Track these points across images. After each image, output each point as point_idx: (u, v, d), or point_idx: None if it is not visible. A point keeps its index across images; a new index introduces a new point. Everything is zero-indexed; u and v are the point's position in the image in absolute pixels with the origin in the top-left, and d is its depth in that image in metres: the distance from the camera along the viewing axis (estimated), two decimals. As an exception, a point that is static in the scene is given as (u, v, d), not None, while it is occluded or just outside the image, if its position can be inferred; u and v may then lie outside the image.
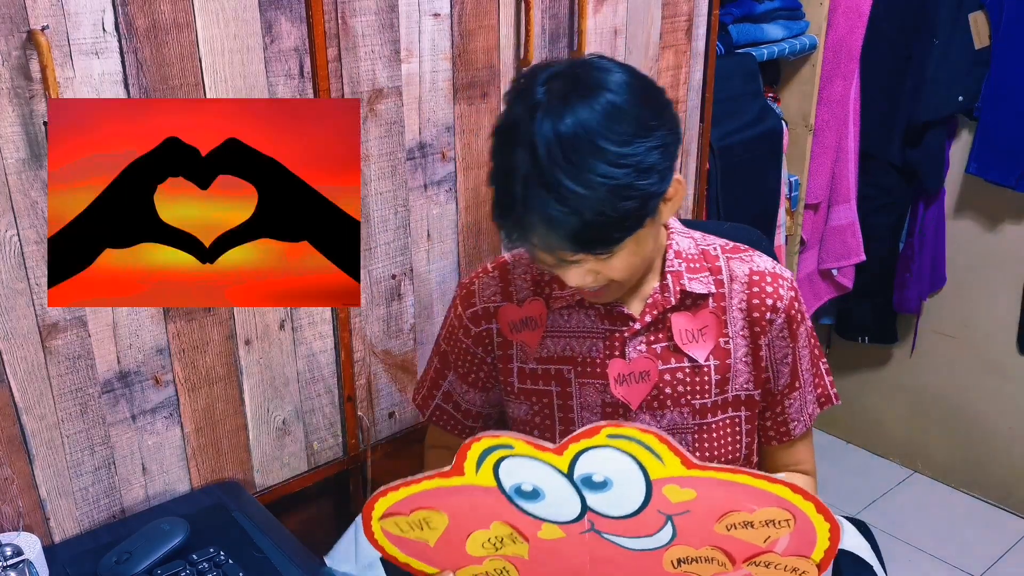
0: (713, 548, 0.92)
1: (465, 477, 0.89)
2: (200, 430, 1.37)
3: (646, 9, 1.77)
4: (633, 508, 0.88)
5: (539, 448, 0.85)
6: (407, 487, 0.91)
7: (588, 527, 0.91)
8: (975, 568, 2.40)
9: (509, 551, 0.95)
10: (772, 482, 0.86)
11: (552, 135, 0.92)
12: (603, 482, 0.86)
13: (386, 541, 0.96)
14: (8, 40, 1.06)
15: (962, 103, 2.33)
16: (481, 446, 0.86)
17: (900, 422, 2.78)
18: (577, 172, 0.92)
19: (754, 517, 0.88)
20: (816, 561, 0.91)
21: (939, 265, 2.56)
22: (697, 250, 1.16)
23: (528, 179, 0.93)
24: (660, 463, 0.85)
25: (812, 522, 0.88)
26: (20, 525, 1.22)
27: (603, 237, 0.96)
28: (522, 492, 0.89)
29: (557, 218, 0.93)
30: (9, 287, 1.13)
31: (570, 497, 0.88)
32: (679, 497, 0.87)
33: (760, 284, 1.15)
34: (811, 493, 0.87)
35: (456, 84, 1.51)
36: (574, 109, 0.93)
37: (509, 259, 1.21)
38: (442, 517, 0.92)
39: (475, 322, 1.19)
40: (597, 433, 0.84)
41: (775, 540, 0.90)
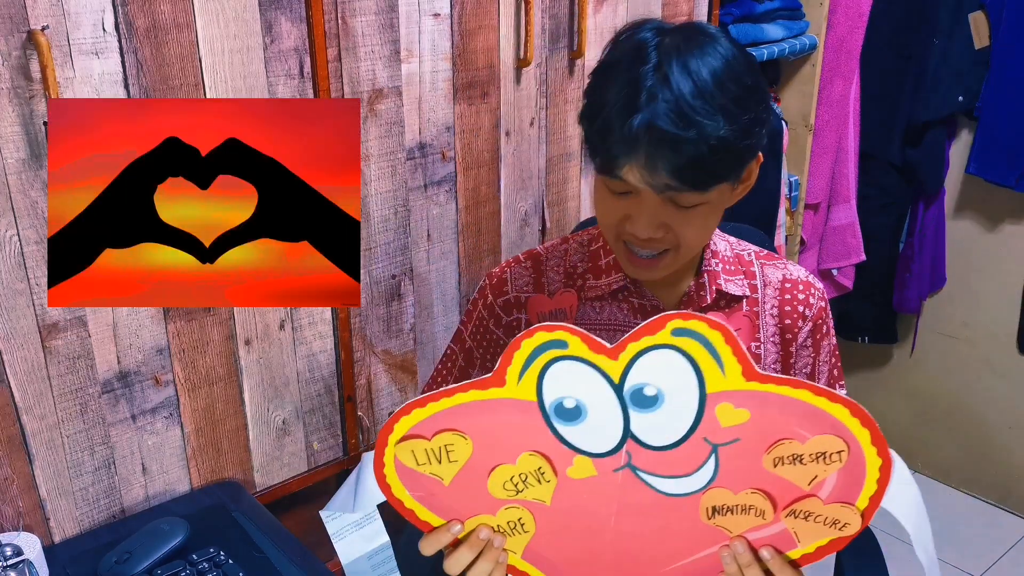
0: (753, 492, 0.87)
1: (505, 388, 0.84)
2: (200, 430, 1.37)
3: (646, 9, 1.77)
4: (679, 435, 0.84)
5: (595, 348, 0.81)
6: (436, 401, 0.85)
7: (624, 462, 0.86)
8: (975, 568, 2.40)
9: (531, 495, 0.89)
10: (833, 400, 0.81)
11: (678, 58, 0.94)
12: (654, 397, 0.82)
13: (396, 478, 0.89)
14: (8, 40, 1.06)
15: (962, 103, 2.33)
16: (533, 342, 0.81)
17: (900, 422, 2.78)
18: (706, 95, 0.93)
19: (805, 449, 0.83)
20: (860, 509, 0.86)
21: (939, 265, 2.56)
22: (732, 253, 1.17)
23: (654, 95, 0.93)
24: (720, 372, 0.81)
25: (864, 455, 0.84)
26: (20, 525, 1.22)
27: (705, 169, 0.95)
28: (563, 410, 0.84)
29: (680, 138, 0.92)
30: (9, 287, 1.13)
31: (614, 418, 0.84)
32: (731, 420, 0.83)
33: (793, 292, 1.15)
34: (871, 418, 0.83)
35: (456, 84, 1.51)
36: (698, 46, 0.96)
37: (542, 251, 1.19)
38: (467, 445, 0.87)
39: (507, 311, 1.17)
40: (662, 328, 0.80)
41: (821, 481, 0.85)
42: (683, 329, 0.80)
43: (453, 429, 0.87)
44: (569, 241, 1.20)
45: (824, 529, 0.88)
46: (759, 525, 0.89)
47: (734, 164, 0.98)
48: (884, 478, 0.85)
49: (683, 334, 0.80)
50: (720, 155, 0.94)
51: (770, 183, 2.23)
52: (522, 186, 1.67)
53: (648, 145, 0.93)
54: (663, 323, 0.80)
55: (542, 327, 0.82)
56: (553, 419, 0.85)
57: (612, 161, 0.96)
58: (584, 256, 1.17)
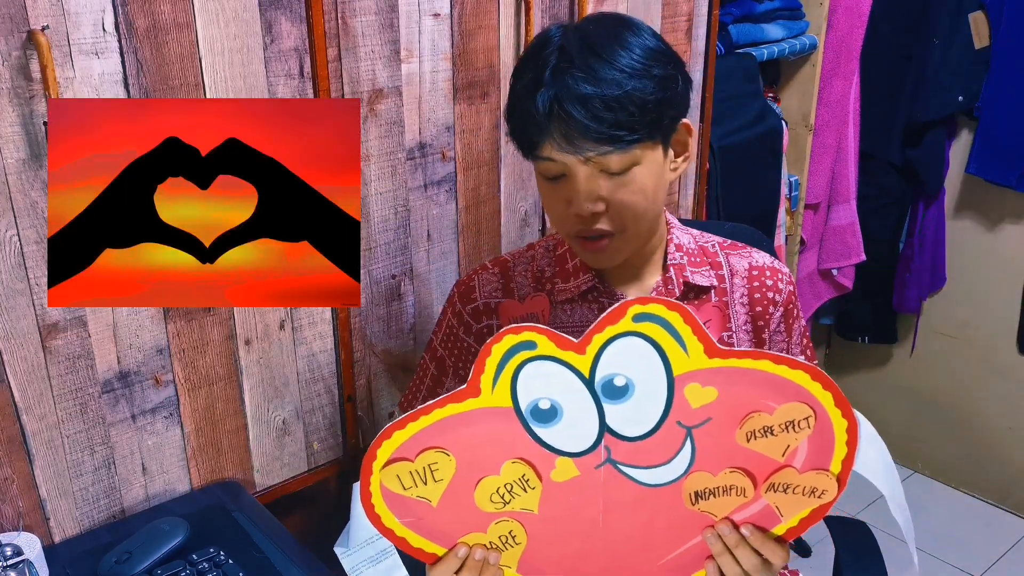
0: (732, 471, 0.88)
1: (480, 397, 0.85)
2: (200, 430, 1.37)
3: (646, 9, 1.77)
4: (653, 422, 0.86)
5: (562, 345, 0.83)
6: (415, 421, 0.86)
7: (604, 458, 0.88)
8: (975, 568, 2.40)
9: (518, 504, 0.90)
10: (794, 367, 0.84)
11: (579, 36, 0.99)
12: (624, 387, 0.84)
13: (384, 507, 0.90)
14: (8, 40, 1.06)
15: (962, 103, 2.33)
16: (503, 347, 0.83)
17: (900, 422, 2.78)
18: (606, 56, 0.97)
19: (774, 419, 0.86)
20: (835, 474, 0.88)
21: (939, 265, 2.56)
22: (696, 245, 1.18)
23: (557, 69, 0.97)
24: (684, 353, 0.83)
25: (830, 419, 0.85)
26: (20, 525, 1.22)
27: (625, 124, 0.97)
28: (539, 412, 0.86)
29: (585, 96, 0.95)
30: (9, 287, 1.13)
31: (589, 414, 0.86)
32: (700, 400, 0.85)
33: (760, 278, 1.17)
34: (831, 381, 0.85)
35: (456, 84, 1.51)
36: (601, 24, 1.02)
37: (509, 258, 1.21)
38: (450, 462, 0.88)
39: (476, 318, 1.18)
40: (623, 315, 0.82)
41: (794, 450, 0.87)
42: (643, 314, 0.82)
43: (435, 447, 0.88)
44: (535, 247, 1.21)
45: (804, 500, 0.89)
46: (742, 504, 0.90)
47: (648, 119, 0.99)
48: (852, 440, 0.87)
49: (644, 319, 0.82)
50: (629, 109, 0.96)
51: (770, 183, 2.23)
52: (522, 186, 1.67)
53: (559, 115, 0.96)
54: (623, 310, 0.82)
55: (509, 330, 0.83)
56: (531, 422, 0.86)
57: (531, 141, 1.00)
58: (551, 260, 1.18)
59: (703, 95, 1.97)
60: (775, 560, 0.90)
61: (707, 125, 1.99)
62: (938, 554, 2.44)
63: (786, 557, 0.92)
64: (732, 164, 2.08)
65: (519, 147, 1.04)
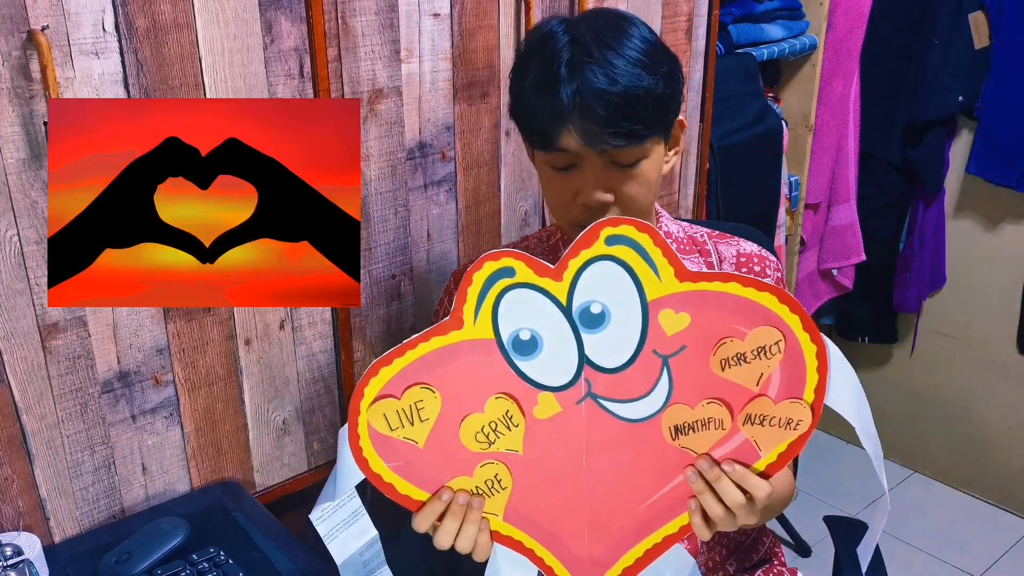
0: (709, 402, 0.89)
1: (463, 330, 0.86)
2: (200, 430, 1.37)
3: (646, 9, 1.77)
4: (630, 351, 0.87)
5: (539, 271, 0.85)
6: (401, 356, 0.87)
7: (584, 391, 0.89)
8: (975, 568, 2.40)
9: (503, 444, 0.90)
10: (761, 288, 0.85)
11: (588, 29, 1.01)
12: (600, 315, 0.86)
13: (372, 450, 0.89)
14: (8, 40, 1.06)
15: (962, 103, 2.33)
16: (483, 273, 0.85)
17: (900, 422, 2.78)
18: (620, 51, 1.00)
19: (745, 345, 0.87)
20: (808, 403, 0.88)
21: (939, 265, 2.56)
22: (685, 235, 1.20)
23: (574, 63, 0.99)
24: (656, 277, 0.85)
25: (800, 343, 0.87)
26: (20, 525, 1.22)
27: (636, 119, 0.99)
28: (520, 343, 0.87)
29: (608, 91, 0.97)
30: (9, 287, 1.13)
31: (568, 344, 0.87)
32: (674, 327, 0.86)
33: (748, 265, 1.18)
34: (798, 304, 0.87)
35: (456, 84, 1.51)
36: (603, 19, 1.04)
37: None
38: (435, 399, 0.88)
39: None
40: (596, 238, 0.83)
41: (768, 378, 0.88)
42: (615, 236, 0.84)
43: (421, 383, 0.88)
44: (530, 239, 1.23)
45: (780, 432, 0.90)
46: (721, 439, 0.90)
47: (661, 114, 1.03)
48: (823, 366, 0.88)
49: (616, 241, 0.84)
50: (647, 105, 0.99)
51: (770, 183, 2.23)
52: (522, 186, 1.67)
53: (580, 107, 0.98)
54: (596, 232, 0.84)
55: (489, 256, 0.84)
56: (512, 354, 0.87)
57: (549, 132, 1.00)
58: (544, 250, 1.20)
59: (703, 95, 1.97)
60: (758, 494, 0.89)
61: (707, 125, 1.99)
62: (938, 554, 2.44)
63: (769, 491, 0.90)
64: (732, 164, 2.08)
65: (532, 139, 1.04)
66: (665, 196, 1.96)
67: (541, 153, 1.05)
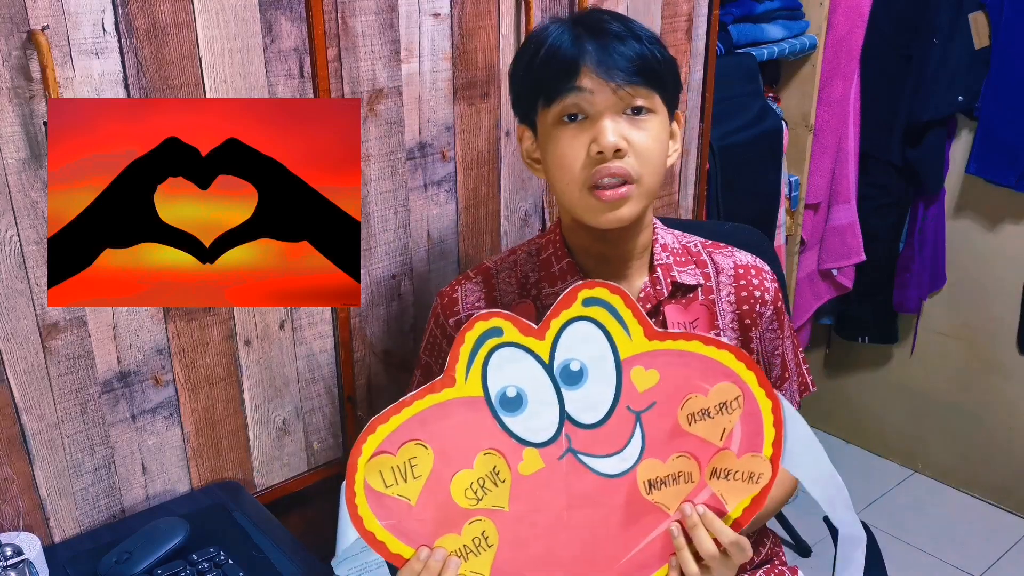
0: (679, 456, 0.94)
1: (456, 387, 0.91)
2: (200, 430, 1.37)
3: (646, 9, 1.77)
4: (606, 408, 0.92)
5: (524, 331, 0.90)
6: (397, 414, 0.91)
7: (565, 448, 0.93)
8: (975, 568, 2.40)
9: (490, 501, 0.94)
10: (720, 347, 0.92)
11: (589, 17, 1.06)
12: (579, 372, 0.91)
13: (367, 507, 0.92)
14: (8, 40, 1.06)
15: (962, 103, 2.33)
16: (474, 333, 0.90)
17: (900, 422, 2.78)
18: (626, 23, 1.05)
19: (709, 401, 0.92)
20: (767, 456, 0.94)
21: (939, 265, 2.56)
22: (680, 245, 1.19)
23: (576, 26, 1.04)
24: (627, 336, 0.91)
25: (756, 398, 0.93)
26: (20, 525, 1.22)
27: (653, 62, 1.03)
28: (506, 400, 0.91)
29: (617, 33, 1.02)
30: (9, 287, 1.13)
31: (550, 401, 0.92)
32: (645, 383, 0.92)
33: (747, 277, 1.17)
34: (754, 362, 0.93)
35: (456, 84, 1.51)
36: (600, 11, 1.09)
37: (491, 265, 1.20)
38: (428, 455, 0.92)
39: (459, 330, 1.17)
40: (575, 300, 0.90)
41: (730, 433, 0.94)
42: (591, 298, 0.90)
43: (416, 439, 0.92)
44: (517, 252, 1.21)
45: (743, 486, 0.96)
46: (691, 493, 0.96)
47: (671, 80, 1.06)
48: (778, 420, 0.94)
49: (592, 303, 0.90)
50: (658, 59, 1.04)
51: (770, 183, 2.23)
52: (522, 186, 1.67)
53: (596, 45, 1.01)
54: (574, 295, 0.90)
55: (479, 316, 0.90)
56: (499, 411, 0.92)
57: (566, 74, 1.02)
58: (535, 266, 1.17)
59: (703, 95, 1.97)
60: (724, 539, 0.94)
61: (707, 125, 1.99)
62: (938, 554, 2.44)
63: (738, 542, 0.95)
64: (732, 164, 2.08)
65: (544, 91, 1.05)
66: (665, 196, 1.96)
67: (555, 107, 1.03)
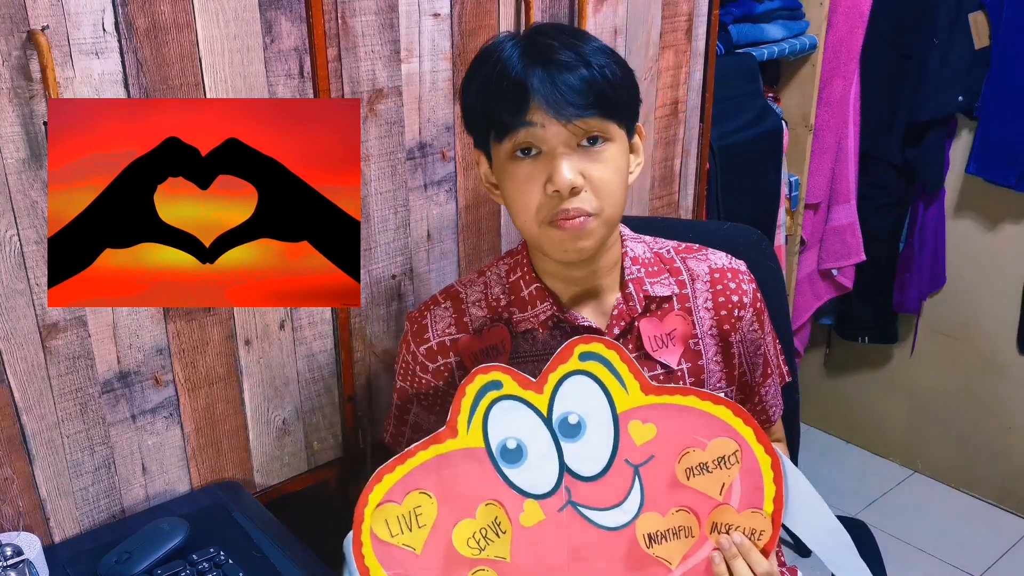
0: (679, 510, 0.94)
1: (458, 438, 0.92)
2: (200, 430, 1.37)
3: (646, 9, 1.77)
4: (604, 460, 0.93)
5: (523, 384, 0.91)
6: (403, 464, 0.93)
7: (565, 500, 0.94)
8: (975, 568, 2.40)
9: (492, 551, 0.95)
10: (716, 402, 0.92)
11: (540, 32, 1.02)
12: (577, 425, 0.92)
13: (374, 558, 0.93)
14: (8, 40, 1.06)
15: (962, 103, 2.33)
16: (475, 387, 0.91)
17: (900, 422, 2.78)
18: (576, 38, 1.01)
19: (707, 455, 0.93)
20: (768, 513, 0.94)
21: (939, 265, 2.56)
22: (651, 254, 1.15)
23: (529, 49, 1.00)
24: (624, 391, 0.91)
25: (755, 453, 0.93)
26: (20, 525, 1.22)
27: (604, 91, 0.99)
28: (507, 452, 0.92)
29: (566, 63, 0.98)
30: (9, 287, 1.13)
31: (549, 453, 0.92)
32: (642, 437, 0.93)
33: (723, 282, 1.15)
34: (751, 417, 0.93)
35: (456, 84, 1.51)
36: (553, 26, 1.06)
37: (460, 288, 1.18)
38: (432, 504, 0.93)
39: (431, 358, 1.15)
40: (571, 354, 0.91)
41: (729, 488, 0.94)
42: (588, 352, 0.91)
43: (419, 488, 0.93)
44: (486, 272, 1.18)
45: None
46: (691, 548, 0.96)
47: (626, 100, 1.03)
48: (778, 476, 0.94)
49: (588, 358, 0.91)
50: (608, 79, 0.99)
51: (770, 183, 2.23)
52: (522, 186, 1.67)
53: (547, 80, 0.98)
54: (571, 349, 0.91)
55: (480, 370, 0.91)
56: (500, 463, 0.93)
57: (515, 106, 0.98)
58: (504, 288, 1.14)
59: (703, 95, 1.97)
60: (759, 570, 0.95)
61: (707, 125, 1.99)
62: (938, 554, 2.44)
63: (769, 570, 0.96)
64: (732, 164, 2.08)
65: (495, 127, 1.01)
66: (665, 196, 1.96)
67: (506, 143, 1.01)
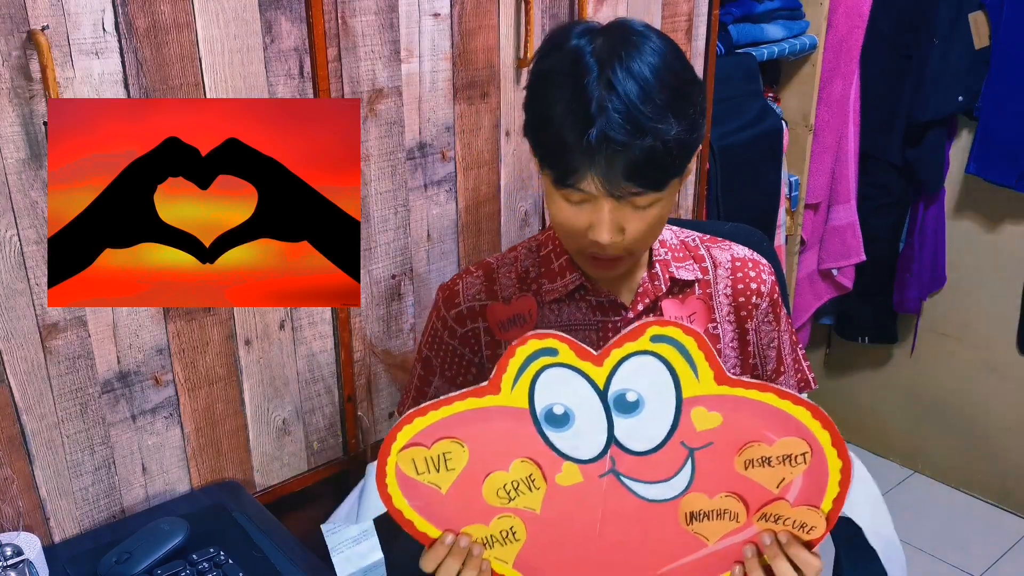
0: (727, 496, 0.92)
1: (499, 396, 0.89)
2: (200, 430, 1.37)
3: (646, 9, 1.77)
4: (658, 440, 0.90)
5: (582, 355, 0.87)
6: (437, 410, 0.90)
7: (608, 468, 0.91)
8: (975, 568, 2.40)
9: (522, 503, 0.93)
10: (796, 403, 0.88)
11: (615, 53, 0.96)
12: (635, 402, 0.88)
13: (396, 488, 0.93)
14: (8, 40, 1.06)
15: (962, 103, 2.33)
16: (527, 350, 0.87)
17: (900, 422, 2.78)
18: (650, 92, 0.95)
19: (772, 451, 0.89)
20: (825, 512, 0.91)
21: (939, 265, 2.56)
22: (678, 240, 1.19)
23: (603, 105, 0.94)
24: (695, 377, 0.87)
25: (826, 457, 0.89)
26: (20, 525, 1.22)
27: (661, 168, 0.97)
28: (552, 416, 0.89)
29: (635, 145, 0.94)
30: (9, 287, 1.13)
31: (599, 424, 0.89)
32: (705, 424, 0.89)
33: (743, 270, 1.18)
34: (831, 420, 0.88)
35: (456, 84, 1.51)
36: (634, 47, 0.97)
37: (492, 260, 1.21)
38: (463, 452, 0.91)
39: (460, 323, 1.18)
40: (642, 334, 0.86)
41: (788, 484, 0.91)
42: (661, 336, 0.86)
43: (451, 436, 0.91)
44: (518, 249, 1.21)
45: (792, 530, 0.93)
46: (733, 530, 0.93)
47: (685, 159, 1.01)
48: (845, 480, 0.91)
49: (661, 340, 0.86)
50: (673, 154, 0.97)
51: (770, 183, 2.23)
52: (522, 186, 1.67)
53: (606, 155, 0.95)
54: (643, 330, 0.86)
55: (534, 335, 0.87)
56: (543, 425, 0.90)
57: (571, 174, 0.97)
58: (535, 261, 1.18)
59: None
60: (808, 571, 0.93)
61: (707, 125, 1.99)
62: (938, 554, 2.44)
63: (820, 567, 0.93)
64: (732, 164, 2.08)
65: (550, 172, 1.00)
66: (665, 196, 1.96)
67: (555, 184, 1.01)
